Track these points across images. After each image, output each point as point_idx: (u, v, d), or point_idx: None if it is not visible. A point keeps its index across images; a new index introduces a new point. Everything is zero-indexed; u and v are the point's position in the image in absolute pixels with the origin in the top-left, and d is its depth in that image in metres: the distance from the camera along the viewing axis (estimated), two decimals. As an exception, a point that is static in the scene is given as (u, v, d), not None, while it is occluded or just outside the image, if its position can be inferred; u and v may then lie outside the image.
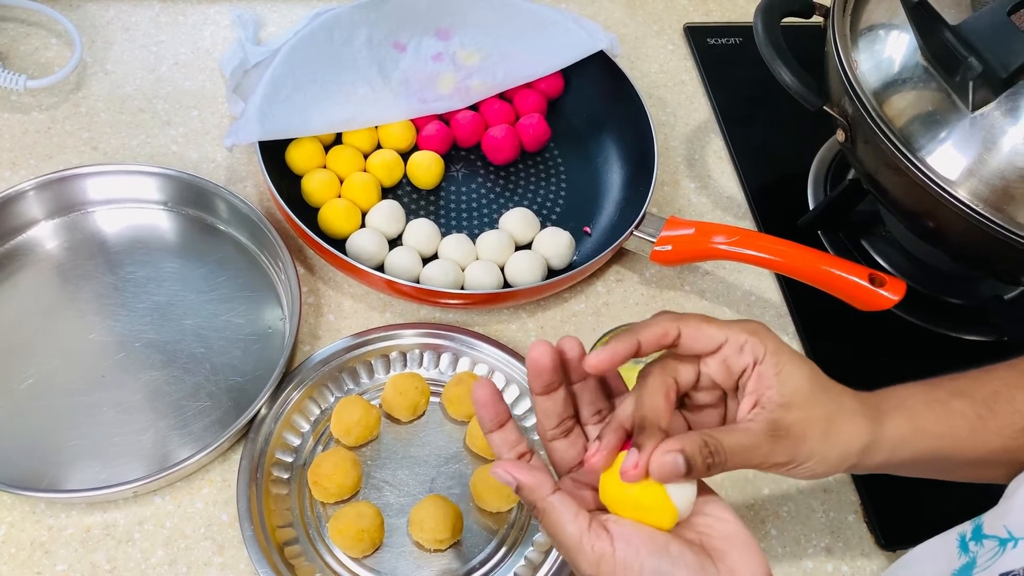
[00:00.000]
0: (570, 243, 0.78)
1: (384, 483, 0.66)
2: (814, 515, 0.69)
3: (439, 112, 0.84)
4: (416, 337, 0.71)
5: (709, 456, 0.42)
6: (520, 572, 0.63)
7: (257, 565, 0.59)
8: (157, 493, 0.64)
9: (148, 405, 0.67)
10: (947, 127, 0.66)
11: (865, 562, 0.68)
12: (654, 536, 0.42)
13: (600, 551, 0.42)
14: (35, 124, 0.82)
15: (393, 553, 0.63)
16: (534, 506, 0.44)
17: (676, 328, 0.46)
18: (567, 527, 0.42)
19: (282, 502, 0.64)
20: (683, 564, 0.41)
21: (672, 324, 0.46)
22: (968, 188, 0.64)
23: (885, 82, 0.69)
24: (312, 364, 0.69)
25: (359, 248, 0.74)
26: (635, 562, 0.41)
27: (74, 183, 0.74)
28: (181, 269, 0.74)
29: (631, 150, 0.85)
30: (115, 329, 0.70)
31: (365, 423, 0.65)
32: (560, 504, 0.43)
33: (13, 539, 0.61)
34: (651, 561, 0.41)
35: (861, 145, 0.71)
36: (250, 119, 0.75)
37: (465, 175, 0.84)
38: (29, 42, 0.87)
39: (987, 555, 0.45)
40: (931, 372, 0.78)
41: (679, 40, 1.00)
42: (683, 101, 0.95)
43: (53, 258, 0.73)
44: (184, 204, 0.76)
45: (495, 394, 0.47)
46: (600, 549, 0.42)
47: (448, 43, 0.86)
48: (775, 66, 0.72)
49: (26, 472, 0.62)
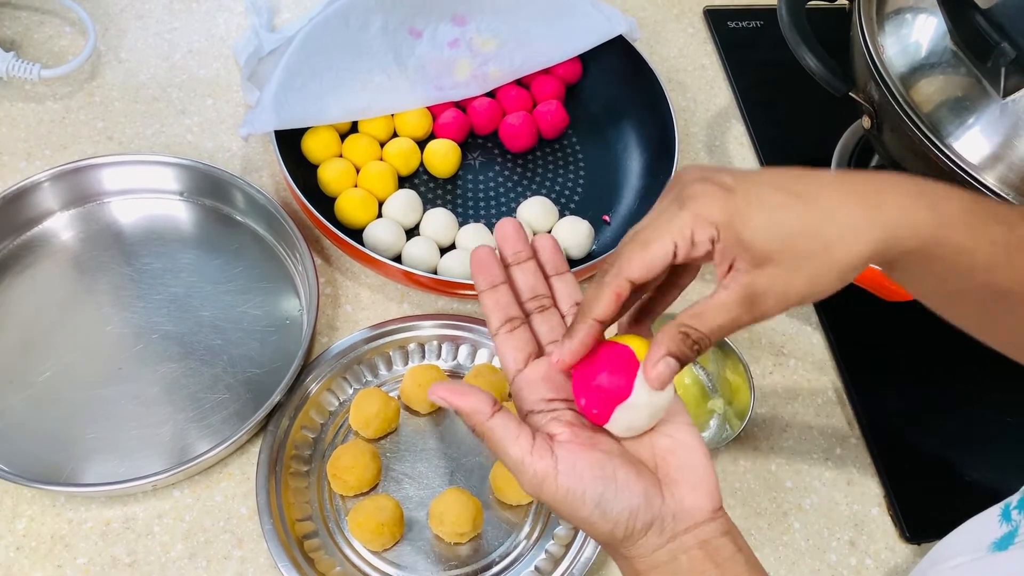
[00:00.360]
0: (589, 232, 0.77)
1: (403, 476, 0.65)
2: (837, 508, 0.69)
3: (456, 99, 0.83)
4: (434, 328, 0.71)
5: (693, 344, 0.40)
6: (541, 566, 0.62)
7: (277, 559, 0.59)
8: (176, 486, 0.64)
9: (166, 398, 0.66)
10: (976, 113, 0.64)
11: (890, 555, 0.67)
12: (600, 462, 0.41)
13: (543, 473, 0.41)
14: (49, 114, 0.81)
15: (413, 547, 0.63)
16: (474, 430, 0.42)
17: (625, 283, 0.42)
18: (509, 449, 0.41)
19: (301, 495, 0.63)
20: (628, 493, 0.41)
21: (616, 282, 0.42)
22: (996, 175, 0.63)
23: (912, 67, 0.67)
24: (330, 356, 0.68)
25: (376, 238, 0.73)
26: (578, 487, 0.40)
27: (89, 173, 0.74)
28: (198, 260, 0.73)
29: (651, 136, 0.84)
30: (132, 321, 0.70)
31: (384, 415, 0.65)
32: (501, 427, 0.41)
33: (34, 532, 0.61)
34: (595, 488, 0.40)
35: (887, 132, 0.69)
36: (265, 108, 0.75)
37: (482, 163, 0.83)
38: (43, 31, 0.86)
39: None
40: (957, 361, 0.77)
41: (699, 24, 0.99)
42: (703, 86, 0.93)
43: (69, 249, 0.73)
44: (200, 194, 0.76)
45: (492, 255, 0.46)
46: (543, 471, 0.41)
47: (464, 29, 0.85)
48: (800, 51, 0.71)
49: (45, 465, 0.62)
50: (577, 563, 0.61)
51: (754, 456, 0.70)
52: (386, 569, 0.62)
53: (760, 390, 0.73)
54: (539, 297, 0.47)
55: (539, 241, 0.48)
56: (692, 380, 0.71)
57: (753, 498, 0.68)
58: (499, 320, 0.46)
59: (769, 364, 0.75)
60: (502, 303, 0.46)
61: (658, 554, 0.41)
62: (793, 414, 0.73)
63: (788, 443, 0.71)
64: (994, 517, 0.48)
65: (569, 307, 0.47)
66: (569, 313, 0.47)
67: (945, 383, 0.76)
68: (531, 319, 0.47)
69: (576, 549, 0.62)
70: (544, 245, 0.48)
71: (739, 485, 0.69)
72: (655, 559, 0.41)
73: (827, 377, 0.75)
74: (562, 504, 0.41)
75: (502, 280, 0.47)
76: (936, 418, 0.74)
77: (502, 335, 0.46)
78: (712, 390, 0.71)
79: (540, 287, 0.47)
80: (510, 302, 0.46)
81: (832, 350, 0.76)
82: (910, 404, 0.74)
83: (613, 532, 0.41)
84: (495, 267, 0.47)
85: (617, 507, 0.40)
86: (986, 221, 0.41)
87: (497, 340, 0.46)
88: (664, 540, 0.41)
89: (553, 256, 0.48)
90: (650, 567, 0.41)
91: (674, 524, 0.41)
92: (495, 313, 0.46)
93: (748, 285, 0.40)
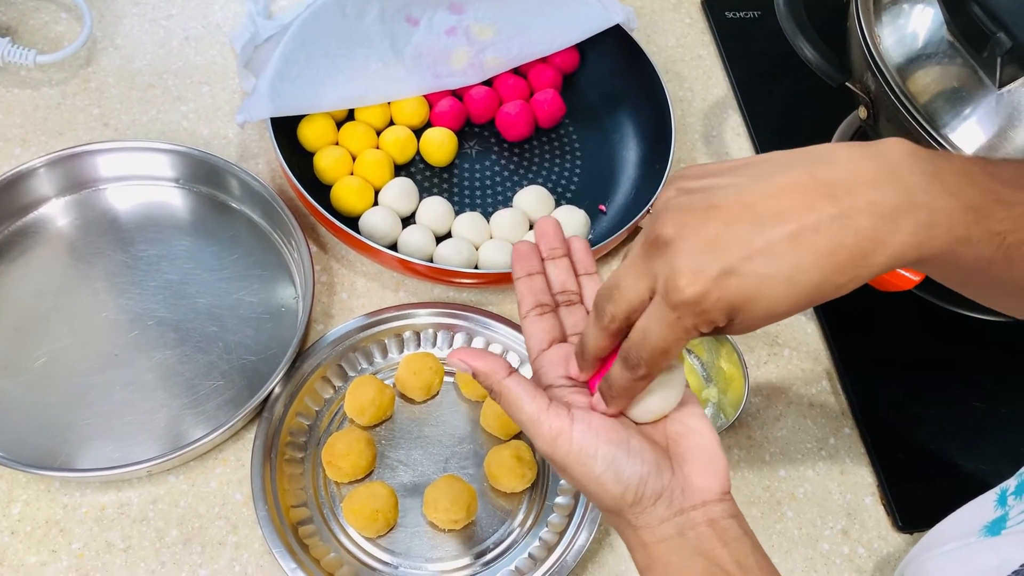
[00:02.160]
0: (585, 221, 0.77)
1: (398, 463, 0.65)
2: (831, 497, 0.69)
3: (452, 88, 0.83)
4: (430, 316, 0.71)
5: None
6: (534, 552, 0.62)
7: (271, 544, 0.59)
8: (171, 472, 0.64)
9: (161, 384, 0.66)
10: (972, 103, 0.64)
11: (882, 544, 0.67)
12: (616, 426, 0.42)
13: (558, 428, 0.42)
14: (45, 100, 0.81)
15: (407, 533, 0.63)
16: (491, 389, 0.44)
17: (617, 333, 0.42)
18: (525, 407, 0.42)
19: (296, 482, 0.64)
20: (640, 459, 0.41)
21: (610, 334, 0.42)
22: (992, 166, 0.63)
23: (909, 57, 0.67)
24: (326, 343, 0.68)
25: (372, 226, 0.73)
26: (591, 445, 0.41)
27: (85, 160, 0.74)
28: (193, 247, 0.73)
29: (647, 126, 0.84)
30: (127, 307, 0.70)
31: (379, 403, 0.65)
32: (516, 386, 0.43)
33: (28, 517, 0.61)
34: (607, 449, 0.41)
35: (884, 122, 0.69)
36: (261, 95, 0.74)
37: (479, 152, 0.83)
38: (38, 16, 0.86)
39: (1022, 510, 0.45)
40: (951, 352, 0.77)
41: (696, 13, 0.98)
42: (700, 76, 0.93)
43: (64, 236, 0.73)
44: (196, 181, 0.76)
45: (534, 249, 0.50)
46: (558, 427, 0.42)
47: (462, 17, 0.84)
48: (797, 42, 0.71)
49: (40, 450, 0.63)
50: (571, 550, 0.62)
51: (748, 445, 0.70)
52: (380, 555, 0.62)
53: (754, 379, 0.73)
54: (568, 292, 0.50)
55: (574, 242, 0.51)
56: (687, 370, 0.71)
57: (747, 487, 0.68)
58: (530, 304, 0.48)
59: (763, 354, 0.75)
60: (535, 289, 0.49)
61: (665, 527, 0.41)
62: (787, 404, 0.73)
63: (782, 432, 0.71)
64: (989, 502, 0.48)
65: None
66: None
67: (939, 373, 0.76)
68: (558, 310, 0.49)
69: (570, 536, 0.62)
70: (578, 246, 0.51)
71: (733, 474, 0.69)
72: (662, 531, 0.41)
73: (821, 367, 0.75)
74: (575, 462, 0.41)
75: (538, 271, 0.50)
76: (929, 408, 0.74)
77: (531, 317, 0.48)
78: (706, 379, 0.71)
79: (570, 283, 0.50)
80: (543, 289, 0.49)
81: (826, 340, 0.76)
82: (904, 394, 0.75)
83: (623, 496, 0.41)
84: (534, 258, 0.50)
85: (628, 470, 0.41)
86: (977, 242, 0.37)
87: (526, 322, 0.48)
88: (672, 513, 0.41)
89: (585, 257, 0.51)
90: (657, 539, 0.42)
91: (682, 498, 0.42)
92: (527, 297, 0.49)
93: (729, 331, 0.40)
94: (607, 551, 0.64)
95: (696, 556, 0.41)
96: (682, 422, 0.44)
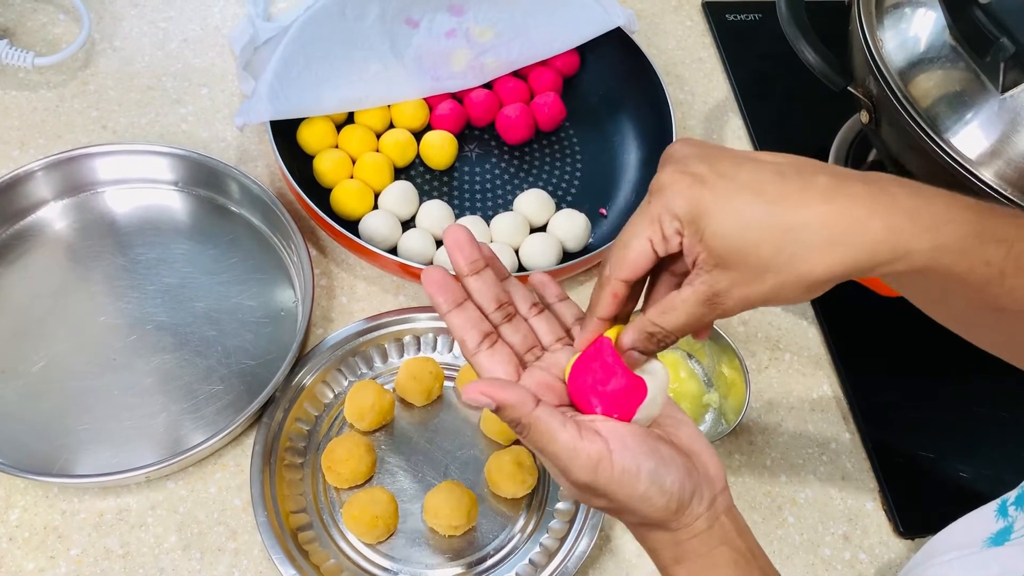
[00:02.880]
0: (586, 225, 0.76)
1: (398, 468, 0.65)
2: (832, 502, 0.69)
3: (453, 90, 0.82)
4: (430, 321, 0.71)
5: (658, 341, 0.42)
6: (535, 559, 0.62)
7: (271, 551, 0.59)
8: (170, 478, 0.64)
9: (160, 388, 0.66)
10: (974, 108, 0.64)
11: (884, 550, 0.67)
12: (646, 438, 0.42)
13: (597, 454, 0.40)
14: (43, 102, 0.81)
15: (407, 539, 0.63)
16: (518, 423, 0.41)
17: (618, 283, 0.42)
18: (559, 435, 0.40)
19: (295, 487, 0.63)
20: (674, 466, 0.42)
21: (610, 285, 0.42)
22: (994, 170, 0.63)
23: (911, 62, 0.67)
24: (325, 348, 0.68)
25: (372, 230, 0.73)
26: (633, 464, 0.40)
27: (83, 163, 0.73)
28: (192, 250, 0.73)
29: (648, 129, 0.83)
30: (126, 311, 0.69)
31: (379, 408, 0.65)
32: (547, 415, 0.41)
33: (27, 523, 0.61)
34: (648, 463, 0.41)
35: (885, 126, 0.69)
36: (261, 98, 0.74)
37: (479, 155, 0.83)
38: (36, 18, 0.86)
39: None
40: (953, 357, 0.77)
41: (697, 16, 0.98)
42: (701, 79, 0.93)
43: (63, 239, 0.72)
44: (195, 184, 0.75)
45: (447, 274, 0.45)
46: (597, 453, 0.40)
47: (462, 19, 0.84)
48: (799, 45, 0.71)
49: (38, 456, 0.62)
50: (572, 556, 0.61)
51: (749, 450, 0.70)
52: (380, 561, 0.62)
53: (755, 384, 0.73)
54: (504, 306, 0.46)
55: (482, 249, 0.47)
56: (688, 375, 0.71)
57: (748, 492, 0.68)
58: (475, 339, 0.45)
59: (765, 359, 0.75)
60: (472, 320, 0.45)
61: (699, 523, 0.42)
62: (788, 409, 0.73)
63: (783, 438, 0.71)
64: (990, 513, 0.48)
65: (528, 309, 0.47)
66: (529, 315, 0.47)
67: (941, 378, 0.76)
68: (500, 330, 0.46)
69: (571, 542, 0.62)
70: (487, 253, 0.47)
71: (734, 479, 0.69)
72: (696, 527, 0.42)
73: (822, 372, 0.75)
74: (618, 485, 0.40)
75: (464, 297, 0.45)
76: (931, 413, 0.74)
77: (483, 354, 0.45)
78: (708, 384, 0.71)
79: (501, 294, 0.46)
80: (479, 317, 0.45)
81: (828, 345, 0.76)
82: (905, 399, 0.74)
83: (668, 505, 0.41)
84: (453, 286, 0.45)
85: (668, 479, 0.41)
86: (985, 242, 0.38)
87: (478, 360, 0.45)
88: (704, 508, 0.42)
89: (497, 262, 0.47)
90: (692, 535, 0.42)
91: (709, 491, 0.43)
92: (469, 332, 0.45)
93: (709, 284, 0.39)
94: (608, 557, 0.64)
95: (721, 545, 0.42)
96: (668, 416, 0.44)
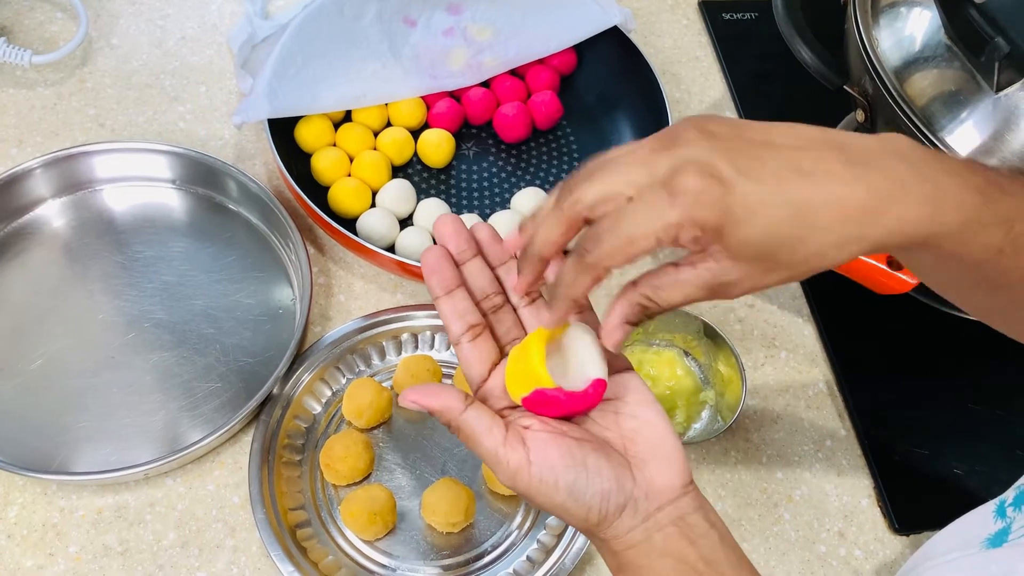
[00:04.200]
0: (583, 223, 0.77)
1: (396, 466, 0.65)
2: (827, 499, 0.69)
3: (450, 89, 0.82)
4: (428, 319, 0.71)
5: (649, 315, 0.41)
6: (532, 555, 0.62)
7: (269, 547, 0.59)
8: (168, 475, 0.64)
9: (158, 386, 0.66)
10: (969, 107, 0.64)
11: (879, 547, 0.67)
12: (571, 449, 0.42)
13: (516, 464, 0.41)
14: (41, 100, 0.81)
15: (405, 536, 0.63)
16: (449, 426, 0.43)
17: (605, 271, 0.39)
18: (483, 441, 0.42)
19: (294, 484, 0.63)
20: (599, 478, 0.41)
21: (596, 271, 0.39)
22: (989, 169, 0.63)
23: (906, 61, 0.67)
24: (323, 345, 0.68)
25: (370, 228, 0.73)
26: (550, 476, 0.41)
27: (81, 161, 0.73)
28: (190, 248, 0.73)
29: (645, 128, 0.83)
30: (124, 309, 0.69)
31: (377, 405, 0.65)
32: (474, 420, 0.42)
33: (25, 521, 0.61)
34: (567, 476, 0.41)
35: (881, 125, 0.69)
36: (259, 96, 0.74)
37: (476, 154, 0.83)
38: (33, 16, 0.86)
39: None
40: (948, 354, 0.78)
41: (694, 15, 0.99)
42: (697, 78, 0.93)
43: (60, 237, 0.72)
44: (193, 183, 0.75)
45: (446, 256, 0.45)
46: (516, 462, 0.41)
47: (459, 18, 0.84)
48: (795, 44, 0.71)
49: (36, 453, 0.62)
50: (569, 553, 0.62)
51: (745, 448, 0.70)
52: (378, 558, 0.62)
53: (751, 382, 0.73)
54: (491, 296, 0.46)
55: (478, 232, 0.47)
56: (684, 372, 0.71)
57: (744, 489, 0.69)
58: (460, 328, 0.45)
59: (760, 356, 0.75)
60: (460, 309, 0.45)
61: (633, 534, 0.42)
62: (784, 406, 0.73)
63: (779, 435, 0.71)
64: (988, 513, 0.48)
65: (520, 298, 0.47)
66: (520, 305, 0.47)
67: (936, 376, 0.77)
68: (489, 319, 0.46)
69: (568, 539, 0.62)
70: (484, 235, 0.47)
71: (730, 476, 0.69)
72: (630, 539, 0.42)
73: (818, 369, 0.75)
74: (536, 493, 0.41)
75: (457, 284, 0.45)
76: (926, 410, 0.74)
77: (465, 344, 0.45)
78: (704, 382, 0.71)
79: (489, 285, 0.46)
80: (468, 307, 0.45)
81: (823, 342, 0.76)
82: (901, 396, 0.75)
83: (587, 517, 0.41)
84: (449, 269, 0.45)
85: (589, 492, 0.41)
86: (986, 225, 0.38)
87: (460, 349, 0.45)
88: (639, 520, 0.42)
89: (494, 245, 0.47)
90: (626, 547, 0.42)
91: (647, 503, 0.42)
92: (455, 321, 0.45)
93: (719, 275, 0.38)
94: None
95: (664, 557, 0.41)
96: (635, 416, 0.44)
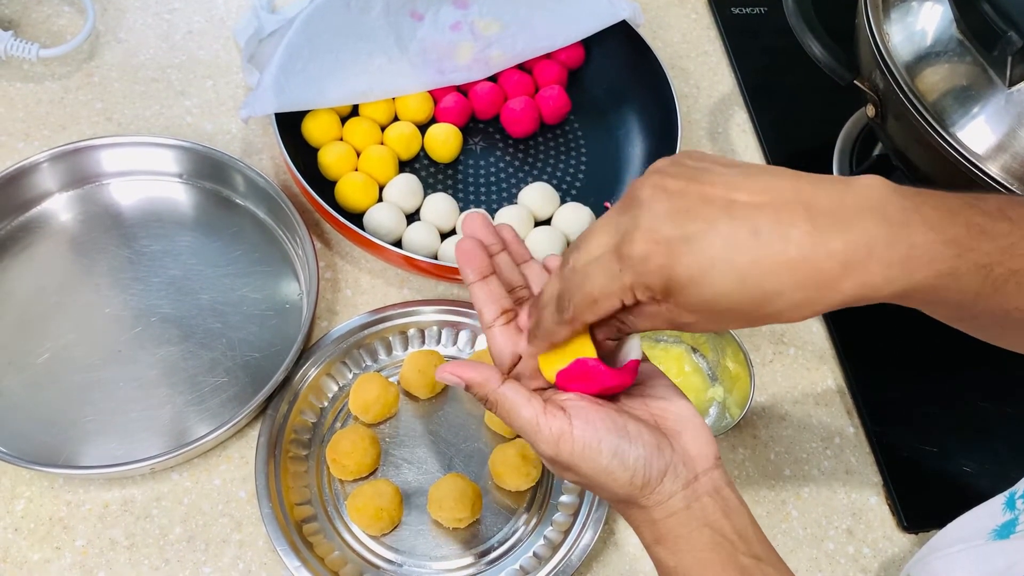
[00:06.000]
0: (591, 219, 0.76)
1: (403, 461, 0.65)
2: (836, 497, 0.69)
3: (457, 83, 0.82)
4: (434, 314, 0.71)
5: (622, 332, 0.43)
6: (539, 551, 0.62)
7: (275, 542, 0.59)
8: (174, 469, 0.64)
9: (165, 380, 0.66)
10: (981, 102, 0.64)
11: (887, 544, 0.67)
12: (612, 415, 0.43)
13: (559, 430, 0.42)
14: (48, 94, 0.80)
15: (412, 531, 0.63)
16: (486, 399, 0.44)
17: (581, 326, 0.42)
18: (522, 412, 0.43)
19: (300, 479, 0.63)
20: (640, 443, 0.42)
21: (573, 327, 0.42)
22: (1000, 164, 0.63)
23: (918, 56, 0.67)
24: (330, 340, 0.68)
25: (377, 223, 0.73)
26: (594, 439, 0.42)
27: (88, 155, 0.73)
28: (197, 243, 0.73)
29: (653, 123, 0.83)
30: (131, 303, 0.69)
31: (383, 400, 0.65)
32: (511, 392, 0.44)
33: (32, 514, 0.61)
34: (610, 439, 0.42)
35: (892, 121, 0.69)
36: (266, 90, 0.74)
37: (483, 148, 0.82)
38: (41, 10, 0.85)
39: None
40: (957, 352, 0.77)
41: (702, 9, 0.98)
42: (706, 72, 0.93)
43: (67, 231, 0.72)
44: (200, 177, 0.75)
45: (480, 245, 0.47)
46: (558, 428, 0.42)
47: (466, 12, 0.84)
48: (805, 38, 0.70)
49: (43, 447, 0.62)
50: (576, 549, 0.61)
51: (753, 444, 0.70)
52: (385, 553, 0.62)
53: (760, 379, 0.73)
54: (517, 290, 0.48)
55: (504, 232, 0.49)
56: (692, 368, 0.71)
57: (752, 486, 0.68)
58: (494, 312, 0.46)
59: (769, 353, 0.75)
60: (495, 294, 0.47)
61: (674, 500, 0.42)
62: (792, 403, 0.73)
63: (787, 432, 0.71)
64: (998, 506, 0.48)
65: None
66: None
67: (944, 373, 0.76)
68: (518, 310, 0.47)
69: (575, 535, 0.62)
70: (509, 235, 0.49)
71: (738, 473, 0.69)
72: (672, 505, 0.42)
73: (827, 366, 0.75)
74: (579, 459, 0.42)
75: (491, 271, 0.47)
76: (935, 408, 0.74)
77: (497, 328, 0.46)
78: (712, 378, 0.71)
79: (517, 279, 0.48)
80: (502, 293, 0.47)
81: (832, 339, 0.76)
82: (909, 394, 0.74)
83: (632, 480, 0.42)
84: (483, 257, 0.47)
85: (632, 455, 0.42)
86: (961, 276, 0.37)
87: (492, 332, 0.46)
88: (679, 486, 0.42)
89: (518, 245, 0.49)
90: (667, 514, 0.42)
91: (685, 470, 0.43)
92: (489, 305, 0.46)
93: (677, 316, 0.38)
94: (612, 550, 0.64)
95: (703, 527, 0.42)
96: (661, 397, 0.45)
